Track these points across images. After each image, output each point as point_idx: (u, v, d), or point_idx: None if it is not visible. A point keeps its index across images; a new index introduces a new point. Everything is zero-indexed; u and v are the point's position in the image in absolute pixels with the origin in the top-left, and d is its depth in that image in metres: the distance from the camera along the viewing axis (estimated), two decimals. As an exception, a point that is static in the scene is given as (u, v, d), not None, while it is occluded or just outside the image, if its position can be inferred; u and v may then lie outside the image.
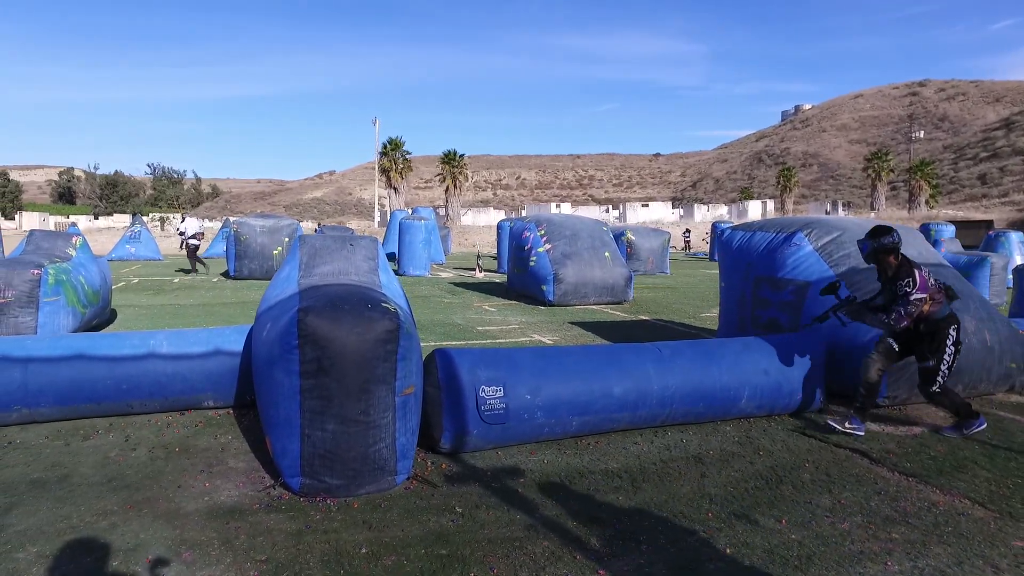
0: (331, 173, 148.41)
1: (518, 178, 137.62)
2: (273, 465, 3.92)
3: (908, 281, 4.51)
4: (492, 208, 71.35)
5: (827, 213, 59.81)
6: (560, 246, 12.45)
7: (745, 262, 6.99)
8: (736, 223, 27.88)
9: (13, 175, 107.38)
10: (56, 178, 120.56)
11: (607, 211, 70.83)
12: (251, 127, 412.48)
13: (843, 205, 65.77)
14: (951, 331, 4.65)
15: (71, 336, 5.23)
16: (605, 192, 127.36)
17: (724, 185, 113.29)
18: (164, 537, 3.20)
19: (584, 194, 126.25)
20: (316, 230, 23.59)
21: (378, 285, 4.67)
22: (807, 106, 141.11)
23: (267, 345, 4.01)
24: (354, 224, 53.36)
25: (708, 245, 31.47)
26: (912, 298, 4.49)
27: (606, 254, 12.80)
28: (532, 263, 12.55)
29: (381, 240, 27.04)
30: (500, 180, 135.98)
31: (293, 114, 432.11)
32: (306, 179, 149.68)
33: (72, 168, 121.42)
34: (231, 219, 23.15)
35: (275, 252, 17.77)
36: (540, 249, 12.47)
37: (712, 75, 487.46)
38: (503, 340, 8.55)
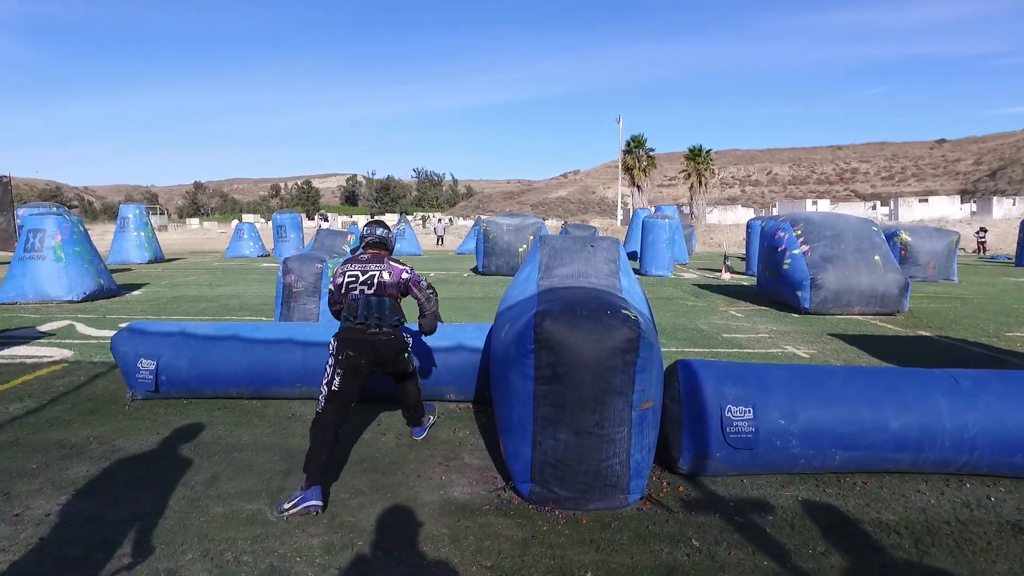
0: (575, 172, 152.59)
1: (769, 173, 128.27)
2: (505, 466, 3.92)
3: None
4: (740, 206, 67.29)
5: None
6: (819, 248, 11.13)
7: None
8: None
9: (314, 183, 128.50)
10: (343, 183, 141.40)
11: (873, 208, 62.53)
12: (503, 131, 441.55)
13: None
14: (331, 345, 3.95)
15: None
16: (871, 186, 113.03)
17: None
18: (402, 524, 3.34)
19: (845, 189, 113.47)
20: (562, 229, 24.35)
21: (618, 289, 4.45)
22: None
23: (504, 346, 4.02)
24: (596, 223, 54.12)
25: (1016, 247, 25.97)
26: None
27: (875, 257, 11.15)
28: (786, 266, 11.40)
29: (623, 239, 27.13)
30: (749, 176, 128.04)
31: (540, 117, 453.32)
32: (551, 179, 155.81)
33: (355, 175, 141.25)
34: (482, 218, 24.82)
35: (520, 249, 18.57)
36: (796, 251, 11.27)
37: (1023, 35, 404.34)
38: (751, 350, 7.82)
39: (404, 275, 4.09)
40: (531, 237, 18.73)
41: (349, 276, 4.06)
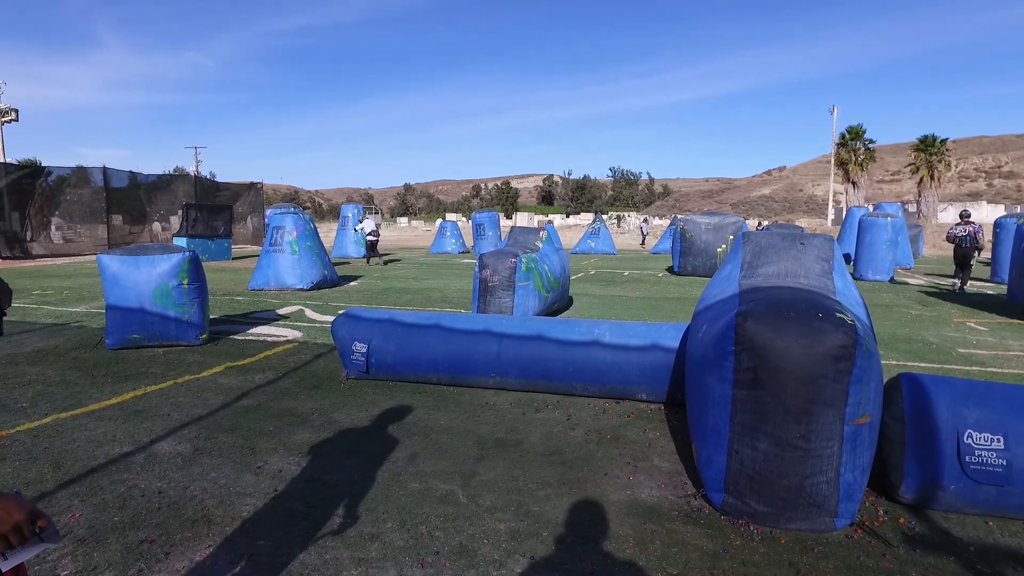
0: (780, 169, 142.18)
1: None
2: (696, 472, 3.72)
3: None
4: (985, 202, 57.81)
5: None
6: (1096, 251, 9.21)
7: None
8: None
9: (512, 183, 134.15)
10: (540, 183, 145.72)
11: None
12: (702, 127, 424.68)
13: None
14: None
15: (533, 319, 5.96)
16: None
17: None
18: (587, 520, 3.30)
19: None
20: (758, 227, 22.90)
21: (831, 291, 4.02)
22: None
23: (702, 347, 3.82)
24: (803, 223, 49.96)
25: None
26: None
27: None
28: (1047, 273, 9.60)
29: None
30: (999, 167, 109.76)
31: (743, 111, 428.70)
32: (754, 176, 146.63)
33: (552, 175, 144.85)
34: (678, 216, 24.05)
35: (719, 250, 17.73)
36: (1062, 255, 9.44)
37: None
38: (997, 370, 6.69)
39: (974, 229, 13.21)
40: (731, 237, 17.77)
41: (960, 230, 13.40)
